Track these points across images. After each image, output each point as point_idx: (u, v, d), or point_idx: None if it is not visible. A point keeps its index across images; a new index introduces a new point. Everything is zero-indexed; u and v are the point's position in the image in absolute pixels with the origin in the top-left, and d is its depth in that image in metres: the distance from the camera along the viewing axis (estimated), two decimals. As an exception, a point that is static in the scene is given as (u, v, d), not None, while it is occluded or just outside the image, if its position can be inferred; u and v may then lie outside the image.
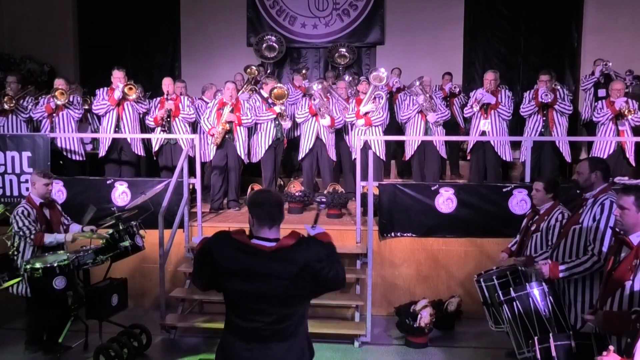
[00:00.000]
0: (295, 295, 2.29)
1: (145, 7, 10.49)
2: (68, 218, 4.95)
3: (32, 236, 4.48)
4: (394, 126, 7.85)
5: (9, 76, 7.11)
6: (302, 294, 2.32)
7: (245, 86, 8.00)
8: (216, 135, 6.38)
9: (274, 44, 10.02)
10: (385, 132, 7.02)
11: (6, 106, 6.66)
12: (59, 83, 6.63)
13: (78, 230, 4.73)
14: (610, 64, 7.95)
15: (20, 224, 4.47)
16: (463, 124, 8.02)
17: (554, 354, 2.97)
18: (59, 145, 6.61)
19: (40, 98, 6.81)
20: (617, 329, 2.74)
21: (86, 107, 7.38)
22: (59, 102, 6.46)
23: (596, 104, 7.00)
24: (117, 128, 6.58)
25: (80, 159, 6.79)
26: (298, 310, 2.34)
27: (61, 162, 6.52)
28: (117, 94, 6.48)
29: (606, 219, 3.35)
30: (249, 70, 8.85)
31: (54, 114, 6.57)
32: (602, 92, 7.72)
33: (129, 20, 10.50)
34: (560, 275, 3.46)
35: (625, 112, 6.24)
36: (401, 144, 7.60)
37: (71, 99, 6.69)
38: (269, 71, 9.62)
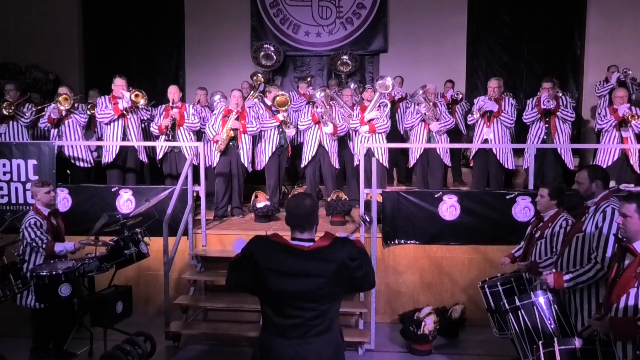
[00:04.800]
0: (332, 293, 2.45)
1: (150, 16, 10.57)
2: None
3: (43, 246, 4.51)
4: (396, 134, 7.86)
5: (8, 84, 7.24)
6: (338, 291, 2.49)
7: (252, 93, 8.05)
8: (220, 142, 6.42)
9: (272, 53, 10.08)
10: (388, 140, 7.02)
11: (5, 112, 6.73)
12: (62, 90, 6.69)
13: (81, 242, 4.70)
14: (631, 71, 7.90)
15: (33, 235, 4.49)
16: (465, 131, 8.02)
17: (558, 358, 2.97)
18: (66, 153, 6.64)
19: (45, 107, 6.87)
20: (622, 335, 2.74)
21: (89, 113, 7.42)
22: (62, 108, 6.50)
23: (599, 111, 7.01)
24: (124, 135, 6.63)
25: (88, 166, 6.83)
26: (334, 306, 2.52)
27: (68, 171, 6.54)
28: (123, 105, 6.51)
29: (608, 226, 3.35)
30: (255, 77, 8.90)
31: (61, 122, 6.61)
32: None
33: (134, 29, 10.58)
34: (565, 285, 3.46)
35: (629, 119, 6.25)
36: (404, 152, 7.60)
37: (76, 105, 6.74)
38: (269, 78, 9.68)
